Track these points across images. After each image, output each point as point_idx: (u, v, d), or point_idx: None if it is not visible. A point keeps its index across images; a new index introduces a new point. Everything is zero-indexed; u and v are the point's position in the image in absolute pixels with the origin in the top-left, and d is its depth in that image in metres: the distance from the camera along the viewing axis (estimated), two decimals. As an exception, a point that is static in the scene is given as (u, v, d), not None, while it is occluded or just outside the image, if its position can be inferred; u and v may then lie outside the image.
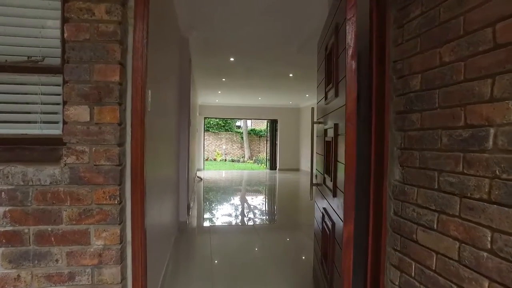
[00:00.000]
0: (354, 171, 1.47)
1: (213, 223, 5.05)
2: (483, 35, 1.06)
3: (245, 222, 5.13)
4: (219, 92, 9.78)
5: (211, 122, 20.01)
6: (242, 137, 20.55)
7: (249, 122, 20.75)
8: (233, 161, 19.68)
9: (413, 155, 1.43)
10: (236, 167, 16.62)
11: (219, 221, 5.19)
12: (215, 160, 19.55)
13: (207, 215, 5.55)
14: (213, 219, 5.33)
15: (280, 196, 7.94)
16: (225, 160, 19.91)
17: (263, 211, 6.15)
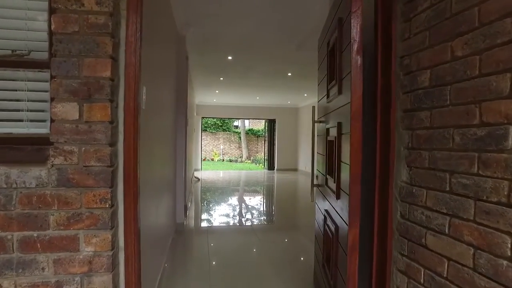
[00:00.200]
0: (359, 172, 1.39)
1: (210, 225, 4.97)
2: (501, 26, 0.99)
3: (243, 223, 5.05)
4: (217, 91, 9.69)
5: (209, 122, 19.91)
6: (240, 137, 20.46)
7: (247, 122, 20.66)
8: (230, 161, 19.59)
9: (421, 155, 1.36)
10: (234, 167, 16.53)
11: (217, 222, 5.10)
12: (212, 160, 19.45)
13: (204, 216, 5.46)
14: (210, 220, 5.24)
15: (278, 196, 7.86)
16: (223, 160, 19.81)
17: (261, 212, 6.07)
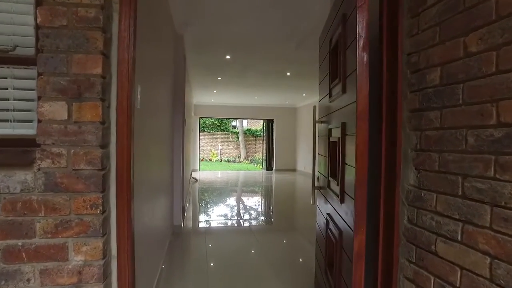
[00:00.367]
0: (366, 175, 1.32)
1: (208, 227, 4.89)
2: (522, 19, 0.92)
3: (242, 224, 4.97)
4: (215, 91, 9.60)
5: (207, 122, 19.80)
6: (238, 137, 20.37)
7: (245, 122, 20.58)
8: (228, 161, 19.49)
9: (431, 157, 1.29)
10: (232, 167, 16.44)
11: (215, 224, 5.02)
12: (210, 160, 19.34)
13: (202, 218, 5.38)
14: (208, 222, 5.16)
15: (277, 197, 7.79)
16: (221, 160, 19.71)
17: (260, 213, 5.99)
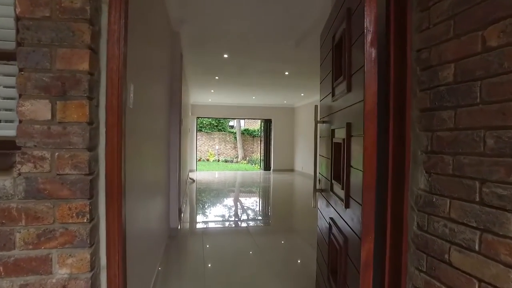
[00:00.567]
0: (374, 180, 1.24)
1: (206, 229, 4.79)
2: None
3: (240, 225, 4.88)
4: (212, 91, 9.50)
5: (204, 122, 19.68)
6: (235, 137, 20.26)
7: (242, 122, 20.48)
8: (226, 161, 19.39)
9: (444, 160, 1.20)
10: (229, 167, 16.34)
11: (212, 227, 4.93)
12: (208, 160, 19.23)
13: (199, 220, 5.28)
14: (206, 224, 5.06)
15: (275, 198, 7.70)
16: (218, 160, 19.60)
17: (259, 215, 5.90)
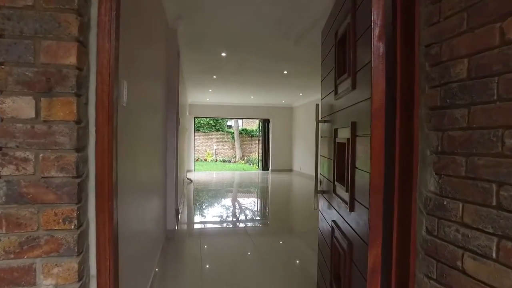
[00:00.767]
0: (382, 182, 1.17)
1: (203, 230, 4.71)
2: None
3: (238, 226, 4.80)
4: (210, 90, 9.41)
5: (202, 121, 19.58)
6: (233, 137, 20.18)
7: (240, 121, 20.39)
8: (224, 161, 19.30)
9: (456, 161, 1.13)
10: (227, 167, 16.25)
11: (210, 228, 4.85)
12: (205, 160, 19.13)
13: (197, 221, 5.19)
14: (203, 225, 4.98)
15: (274, 199, 7.63)
16: (216, 160, 19.51)
17: (257, 215, 5.83)
